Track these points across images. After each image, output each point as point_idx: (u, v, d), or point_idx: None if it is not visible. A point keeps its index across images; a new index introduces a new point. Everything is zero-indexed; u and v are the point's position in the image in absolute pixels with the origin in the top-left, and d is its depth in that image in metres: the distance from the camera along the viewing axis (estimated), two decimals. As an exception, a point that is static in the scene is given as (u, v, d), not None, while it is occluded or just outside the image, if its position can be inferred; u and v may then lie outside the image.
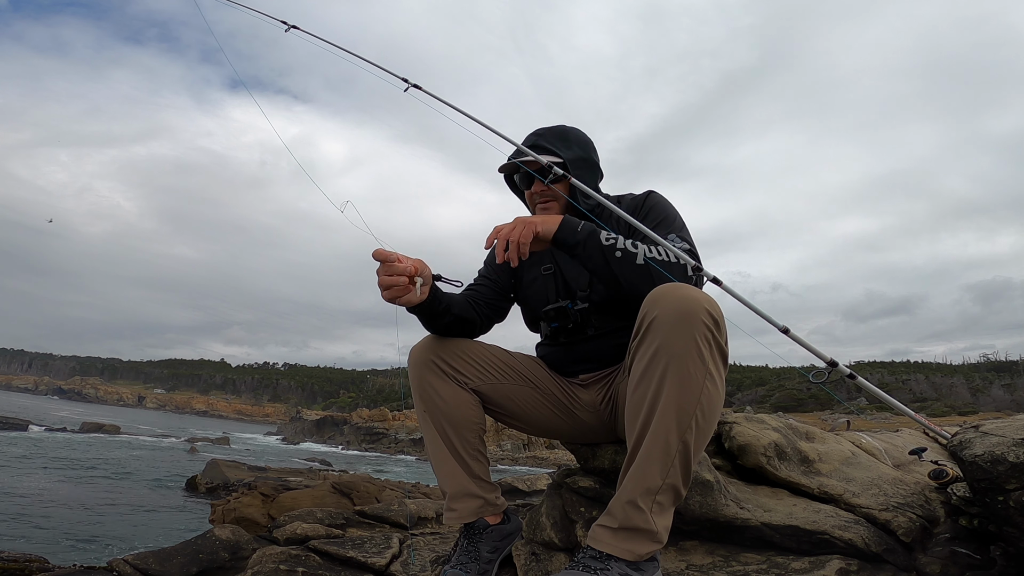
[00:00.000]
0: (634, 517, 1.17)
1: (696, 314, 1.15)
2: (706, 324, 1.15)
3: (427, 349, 1.54)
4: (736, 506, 1.46)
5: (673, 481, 1.18)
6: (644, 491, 1.18)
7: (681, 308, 1.16)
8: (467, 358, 1.54)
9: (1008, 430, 1.30)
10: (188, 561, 2.53)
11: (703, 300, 1.18)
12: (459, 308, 1.56)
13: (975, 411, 43.83)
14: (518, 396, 1.58)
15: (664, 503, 1.19)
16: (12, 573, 3.50)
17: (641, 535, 1.17)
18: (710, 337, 1.16)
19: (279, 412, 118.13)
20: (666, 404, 1.16)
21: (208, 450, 29.74)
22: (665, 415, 1.16)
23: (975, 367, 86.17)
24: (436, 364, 1.52)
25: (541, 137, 1.64)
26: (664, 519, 1.19)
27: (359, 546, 2.14)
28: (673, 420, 1.16)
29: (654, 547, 1.18)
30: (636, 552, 1.17)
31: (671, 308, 1.17)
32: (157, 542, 8.60)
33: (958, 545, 1.35)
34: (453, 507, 1.54)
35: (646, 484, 1.17)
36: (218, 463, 16.31)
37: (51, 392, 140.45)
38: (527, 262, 1.61)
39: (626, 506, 1.18)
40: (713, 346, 1.17)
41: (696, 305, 1.16)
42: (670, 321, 1.16)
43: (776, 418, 1.94)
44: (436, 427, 1.52)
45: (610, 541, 1.18)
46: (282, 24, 2.46)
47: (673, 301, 1.18)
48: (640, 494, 1.18)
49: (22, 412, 44.02)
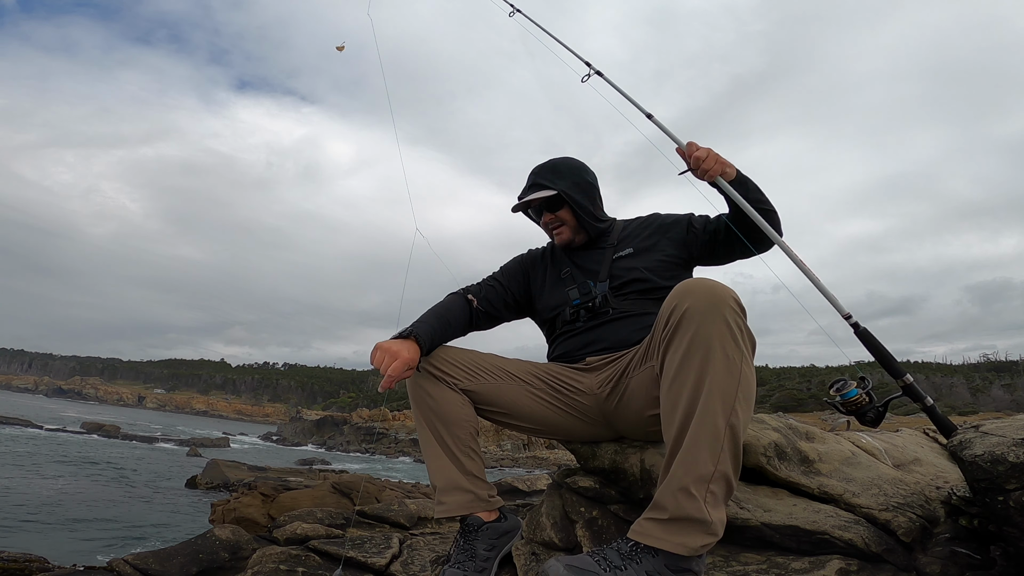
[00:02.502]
0: (687, 506, 1.12)
1: (726, 302, 1.19)
2: (735, 311, 1.20)
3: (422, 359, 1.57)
4: (736, 506, 1.46)
5: (724, 469, 1.15)
6: (697, 478, 1.13)
7: (711, 298, 1.20)
8: (455, 363, 1.58)
9: (1008, 430, 1.30)
10: (188, 561, 2.53)
11: (729, 290, 1.22)
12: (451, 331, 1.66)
13: (975, 411, 43.85)
14: (508, 393, 1.59)
15: (717, 493, 1.15)
16: (12, 573, 3.50)
17: (695, 526, 1.12)
18: (740, 323, 1.20)
19: (279, 412, 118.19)
20: (711, 388, 1.16)
21: (208, 450, 29.74)
22: (710, 399, 1.16)
23: (975, 367, 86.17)
24: (430, 372, 1.55)
25: (538, 175, 1.79)
26: (719, 511, 1.15)
27: (359, 546, 2.14)
28: (719, 404, 1.15)
29: (709, 540, 1.12)
30: (690, 545, 1.11)
31: (702, 298, 1.20)
32: (157, 542, 8.60)
33: (958, 545, 1.35)
34: (442, 500, 1.55)
35: (698, 471, 1.13)
36: (218, 463, 16.32)
37: (51, 392, 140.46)
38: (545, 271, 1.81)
39: (678, 493, 1.13)
40: (744, 332, 1.21)
41: (725, 293, 1.20)
42: (702, 310, 1.19)
43: (776, 418, 1.94)
44: (428, 426, 1.54)
45: (660, 535, 1.13)
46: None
47: (703, 292, 1.21)
48: (693, 481, 1.13)
49: (22, 412, 44.02)
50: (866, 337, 1.48)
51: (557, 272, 1.80)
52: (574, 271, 1.76)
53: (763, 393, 63.52)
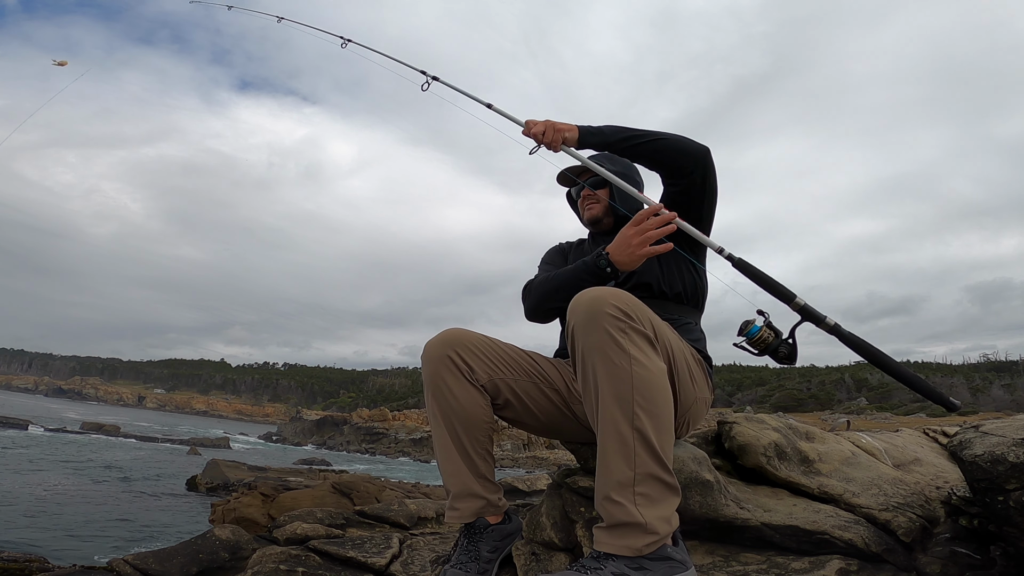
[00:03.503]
0: (615, 513, 1.19)
1: (602, 308, 1.23)
2: (613, 315, 1.22)
3: (443, 344, 1.54)
4: (736, 506, 1.46)
5: (647, 470, 1.19)
6: (616, 485, 1.20)
7: (588, 309, 1.25)
8: (480, 354, 1.56)
9: (1008, 430, 1.30)
10: (188, 561, 2.53)
11: (607, 295, 1.25)
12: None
13: (975, 411, 43.82)
14: (523, 391, 1.58)
15: (651, 494, 1.19)
16: (12, 573, 3.51)
17: (631, 529, 1.18)
18: (622, 325, 1.23)
19: (279, 412, 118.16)
20: (603, 399, 1.22)
21: (208, 450, 29.74)
22: (607, 409, 1.22)
23: (975, 367, 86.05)
24: (452, 360, 1.52)
25: (593, 156, 1.83)
26: (657, 510, 1.19)
27: (359, 546, 2.14)
28: (618, 412, 1.20)
29: (650, 538, 1.17)
30: (634, 547, 1.17)
31: (580, 311, 1.26)
32: (157, 542, 8.60)
33: (958, 545, 1.35)
34: (456, 506, 1.54)
35: (616, 478, 1.20)
36: (218, 463, 16.31)
37: (51, 392, 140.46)
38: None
39: (604, 503, 1.21)
40: (630, 332, 1.23)
41: (600, 301, 1.24)
42: (582, 323, 1.25)
43: (776, 418, 1.95)
44: (446, 425, 1.52)
45: (608, 541, 1.20)
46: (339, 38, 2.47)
47: (580, 304, 1.27)
48: (613, 489, 1.20)
49: (22, 412, 44.02)
50: (744, 267, 1.43)
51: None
52: None
53: (763, 393, 63.53)
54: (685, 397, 1.43)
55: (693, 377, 1.46)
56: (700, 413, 1.54)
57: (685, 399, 1.43)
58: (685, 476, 1.45)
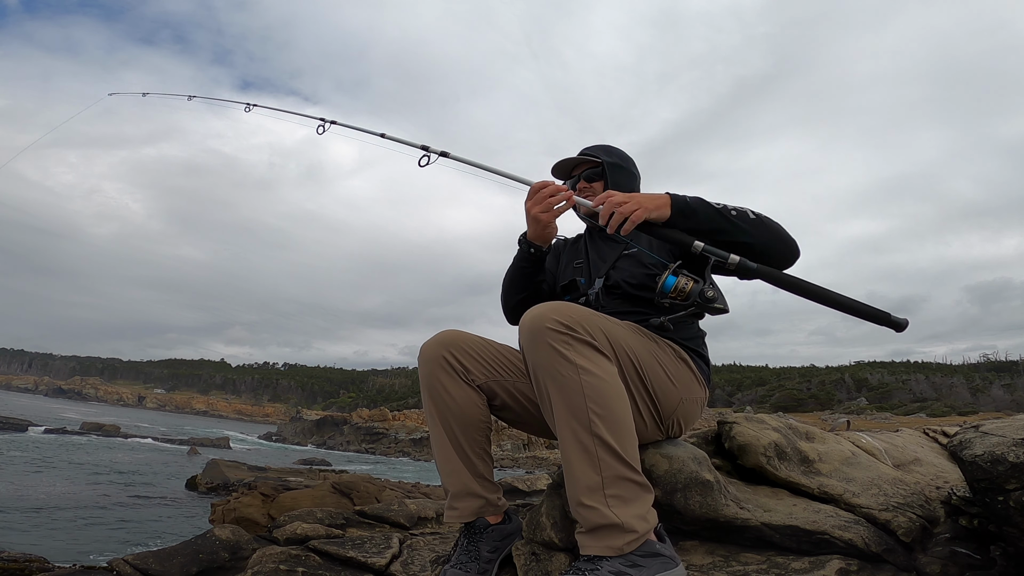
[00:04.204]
0: (590, 516, 1.21)
1: (543, 325, 1.26)
2: (554, 329, 1.25)
3: (439, 345, 1.55)
4: (736, 506, 1.46)
5: (613, 472, 1.21)
6: (586, 490, 1.22)
7: (531, 326, 1.28)
8: (475, 355, 1.57)
9: (1008, 430, 1.30)
10: (188, 561, 2.53)
11: (548, 310, 1.28)
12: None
13: (975, 411, 43.83)
14: (519, 392, 1.58)
15: (622, 495, 1.21)
16: (12, 573, 3.51)
17: (609, 530, 1.20)
18: (565, 338, 1.25)
19: (279, 412, 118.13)
20: (558, 412, 1.25)
21: (208, 450, 29.73)
22: (563, 421, 1.25)
23: (975, 367, 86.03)
24: (447, 360, 1.53)
25: (589, 149, 1.84)
26: (631, 509, 1.21)
27: (359, 546, 2.14)
28: (573, 422, 1.23)
29: (629, 536, 1.19)
30: (615, 546, 1.19)
31: (525, 330, 1.29)
32: (157, 542, 8.60)
33: (958, 545, 1.35)
34: (455, 506, 1.54)
35: (584, 484, 1.22)
36: (218, 463, 16.32)
37: (51, 392, 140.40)
38: (566, 256, 1.84)
39: (578, 509, 1.24)
40: (574, 343, 1.25)
41: (541, 318, 1.27)
42: (527, 341, 1.29)
43: (776, 418, 1.95)
44: (443, 425, 1.53)
45: (591, 543, 1.22)
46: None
47: (525, 323, 1.30)
48: (583, 494, 1.22)
49: (22, 412, 44.00)
50: (647, 227, 1.39)
51: (572, 260, 1.82)
52: (585, 264, 1.77)
53: (763, 393, 63.52)
54: (665, 397, 1.43)
55: (671, 376, 1.44)
56: (692, 412, 1.52)
57: (666, 399, 1.43)
58: (685, 476, 1.45)
